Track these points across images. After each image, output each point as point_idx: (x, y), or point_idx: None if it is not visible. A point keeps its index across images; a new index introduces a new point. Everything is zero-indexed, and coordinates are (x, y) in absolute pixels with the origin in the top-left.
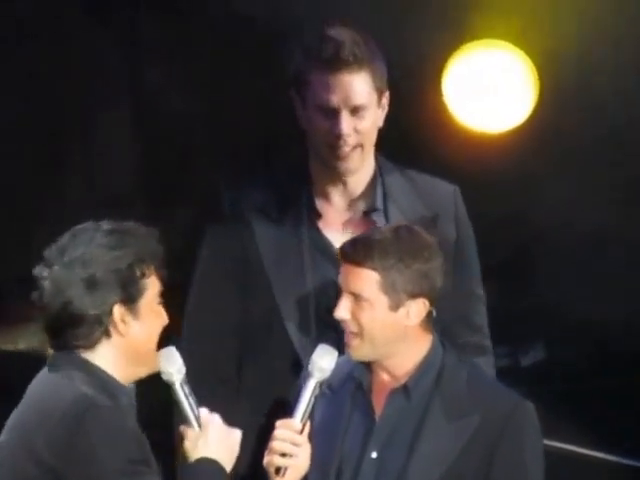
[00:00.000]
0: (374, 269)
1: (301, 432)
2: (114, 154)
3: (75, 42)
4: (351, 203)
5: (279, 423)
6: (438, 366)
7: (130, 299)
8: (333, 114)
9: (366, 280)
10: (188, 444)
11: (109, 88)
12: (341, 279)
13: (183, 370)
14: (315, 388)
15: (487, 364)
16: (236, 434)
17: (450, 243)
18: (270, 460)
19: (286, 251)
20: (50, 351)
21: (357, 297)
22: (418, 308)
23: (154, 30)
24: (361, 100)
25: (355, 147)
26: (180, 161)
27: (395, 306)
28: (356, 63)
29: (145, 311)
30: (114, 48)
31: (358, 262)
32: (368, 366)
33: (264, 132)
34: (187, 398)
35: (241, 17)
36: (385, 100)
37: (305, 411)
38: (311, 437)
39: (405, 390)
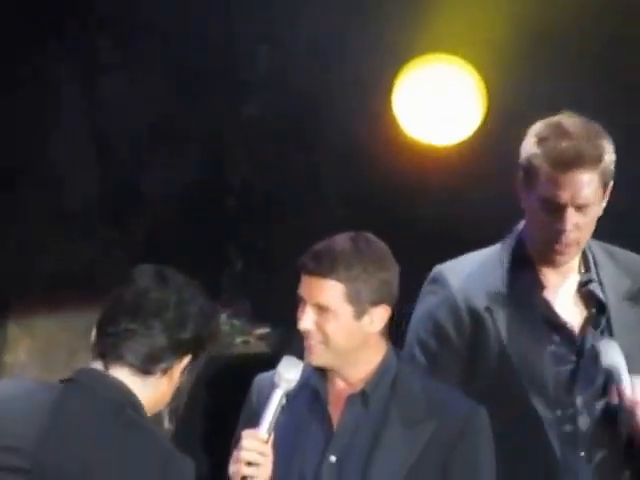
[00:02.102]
0: (339, 280)
1: (267, 442)
2: (67, 168)
3: (27, 57)
4: (567, 275)
5: (245, 433)
6: (393, 373)
7: (194, 359)
8: (558, 209)
9: (331, 291)
10: None
11: (62, 102)
12: (304, 291)
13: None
14: (281, 399)
15: None
16: None
17: None
18: (237, 469)
19: (519, 325)
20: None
21: (322, 308)
22: (381, 315)
23: (107, 43)
24: (589, 199)
25: (573, 243)
26: (134, 175)
27: (359, 315)
28: (590, 162)
29: (179, 373)
30: (66, 62)
31: (323, 274)
32: (324, 374)
33: None
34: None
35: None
36: (608, 192)
37: (271, 422)
38: (273, 446)
39: (363, 396)
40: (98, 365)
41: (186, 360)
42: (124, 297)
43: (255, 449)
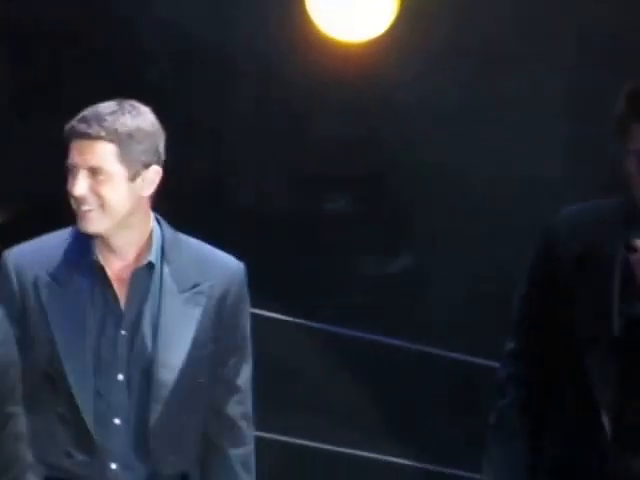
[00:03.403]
0: (111, 141)
1: None
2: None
3: None
4: None
5: None
6: (161, 240)
7: None
8: None
9: (104, 153)
10: None
11: None
12: (75, 158)
13: None
14: None
15: None
16: None
17: None
18: None
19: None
20: None
21: (95, 171)
22: (152, 177)
23: None
24: None
25: None
26: (51, 72)
27: (133, 176)
28: None
29: None
30: None
31: (94, 136)
32: (100, 254)
33: None
34: None
35: None
36: None
37: None
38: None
39: (149, 267)
40: None
41: None
42: None
43: None
